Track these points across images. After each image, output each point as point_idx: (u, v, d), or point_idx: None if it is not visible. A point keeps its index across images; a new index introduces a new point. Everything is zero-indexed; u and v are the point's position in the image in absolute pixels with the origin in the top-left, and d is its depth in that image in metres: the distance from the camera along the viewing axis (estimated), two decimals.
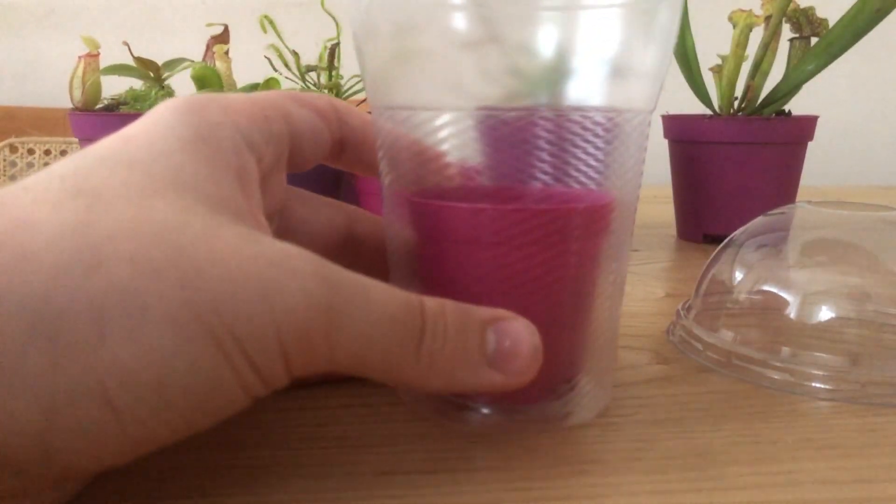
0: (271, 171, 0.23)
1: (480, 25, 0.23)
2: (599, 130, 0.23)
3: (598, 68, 0.23)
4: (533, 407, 0.25)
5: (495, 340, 0.21)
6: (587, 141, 0.23)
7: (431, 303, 0.21)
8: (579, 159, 0.23)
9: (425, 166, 0.24)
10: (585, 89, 0.23)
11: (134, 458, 0.17)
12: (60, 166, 0.19)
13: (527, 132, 0.23)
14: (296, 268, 0.18)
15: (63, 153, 1.33)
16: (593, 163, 0.23)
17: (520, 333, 0.21)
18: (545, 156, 0.23)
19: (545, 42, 0.22)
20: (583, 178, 0.23)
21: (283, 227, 0.26)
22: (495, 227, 0.22)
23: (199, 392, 0.17)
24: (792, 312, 0.31)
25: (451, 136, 0.23)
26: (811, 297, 0.31)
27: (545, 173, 0.23)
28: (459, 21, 0.23)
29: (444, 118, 0.23)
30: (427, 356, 0.20)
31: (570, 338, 0.24)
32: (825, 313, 0.31)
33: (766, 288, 0.32)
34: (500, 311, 0.22)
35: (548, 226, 0.23)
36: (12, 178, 1.31)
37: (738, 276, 0.33)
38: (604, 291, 0.25)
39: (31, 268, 0.16)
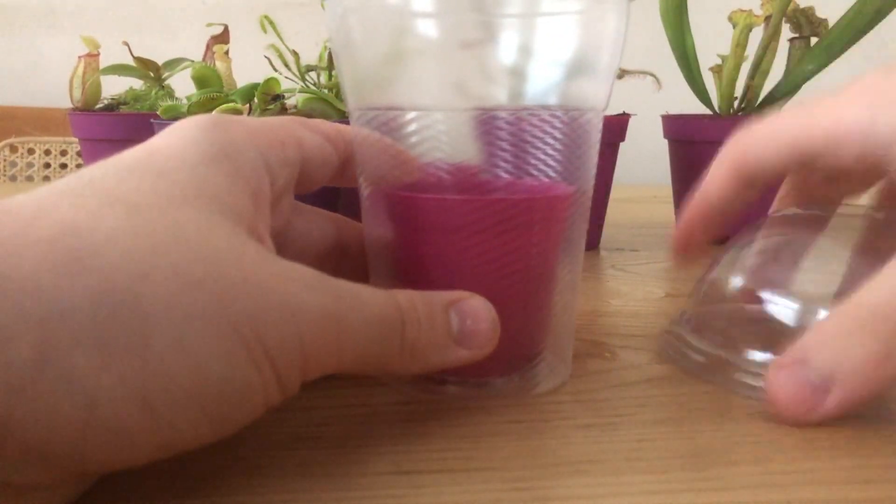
0: (282, 193, 0.25)
1: (451, 32, 0.24)
2: (558, 129, 0.25)
3: (557, 70, 0.25)
4: (502, 380, 0.27)
5: (458, 321, 0.24)
6: (548, 138, 0.25)
7: (402, 297, 0.22)
8: (541, 155, 0.25)
9: (397, 163, 0.26)
10: (546, 89, 0.25)
11: (156, 459, 0.18)
12: (89, 172, 0.20)
13: (493, 130, 0.25)
14: (311, 284, 0.20)
15: (63, 153, 1.33)
16: (552, 160, 0.25)
17: (478, 310, 0.24)
18: (509, 152, 0.25)
19: (510, 45, 0.24)
20: (544, 173, 0.25)
21: (283, 238, 0.28)
22: (464, 216, 0.24)
23: (230, 399, 0.18)
24: (792, 318, 0.31)
25: (422, 134, 0.25)
26: (811, 301, 0.31)
27: (510, 167, 0.25)
28: (435, 24, 0.24)
29: (413, 117, 0.25)
30: (409, 346, 0.22)
31: (534, 317, 0.26)
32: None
33: (764, 292, 0.32)
34: (458, 293, 0.24)
35: (511, 215, 0.25)
36: (12, 178, 1.31)
37: (737, 280, 0.33)
38: (563, 275, 0.27)
39: (81, 271, 0.16)
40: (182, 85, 0.54)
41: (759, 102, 0.56)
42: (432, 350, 0.23)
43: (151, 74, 0.56)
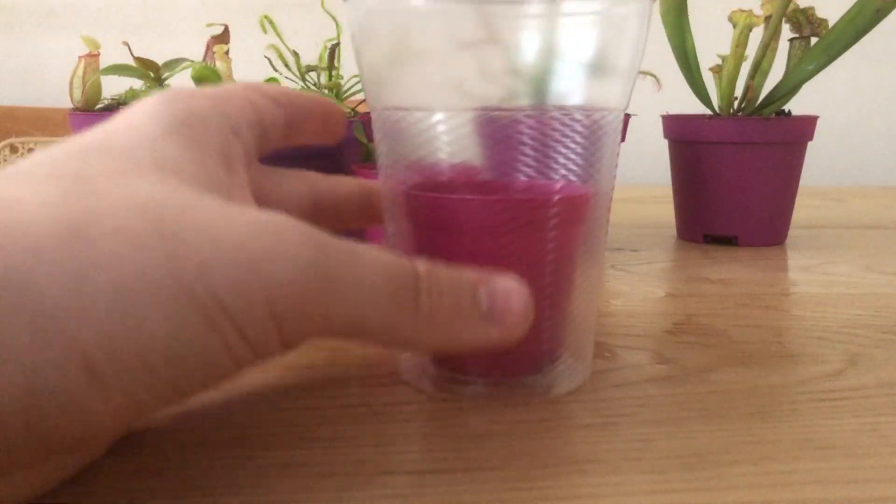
0: (253, 154, 0.24)
1: (475, 29, 0.24)
2: (579, 127, 0.25)
3: (578, 70, 0.25)
4: (519, 380, 0.27)
5: (488, 298, 0.22)
6: (567, 137, 0.25)
7: (423, 265, 0.21)
8: (560, 154, 0.25)
9: (419, 162, 0.26)
10: (566, 89, 0.25)
11: (124, 428, 0.17)
12: (42, 155, 0.19)
13: (512, 130, 0.25)
14: (285, 235, 0.18)
15: None
16: (573, 157, 0.25)
17: (510, 289, 0.22)
18: (529, 151, 0.25)
19: (531, 46, 0.24)
20: (563, 172, 0.25)
21: (257, 202, 0.27)
22: (482, 215, 0.25)
23: (184, 360, 0.17)
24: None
25: (444, 134, 0.25)
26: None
27: (529, 167, 0.25)
28: (455, 25, 0.24)
29: (437, 117, 0.25)
30: (426, 313, 0.20)
31: (552, 317, 0.26)
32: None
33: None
34: (489, 273, 0.23)
35: (529, 214, 0.25)
36: None
37: None
38: (582, 275, 0.27)
39: (13, 241, 0.16)
40: (182, 85, 0.54)
41: (759, 102, 0.56)
42: (458, 322, 0.21)
43: (151, 74, 0.55)
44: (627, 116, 0.54)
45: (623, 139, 0.55)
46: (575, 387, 0.27)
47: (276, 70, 0.47)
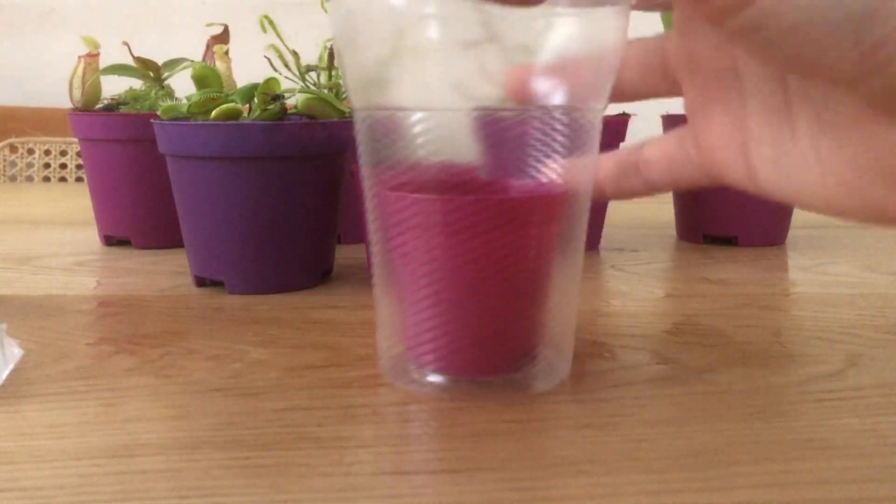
0: None
1: (458, 29, 0.24)
2: (558, 126, 0.25)
3: (556, 69, 0.25)
4: (499, 377, 0.27)
5: None
6: (547, 135, 0.25)
7: None
8: (539, 152, 0.25)
9: (399, 162, 0.26)
10: (546, 90, 0.25)
11: None
12: None
13: (491, 129, 0.25)
14: None
15: (63, 153, 1.33)
16: (552, 155, 0.25)
17: None
18: (508, 150, 0.25)
19: (510, 47, 0.24)
20: (542, 171, 0.26)
21: None
22: (459, 215, 0.25)
23: None
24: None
25: (424, 134, 0.25)
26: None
27: (508, 166, 0.26)
28: (437, 24, 0.24)
29: (417, 117, 0.25)
30: None
31: (529, 314, 0.27)
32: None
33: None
34: None
35: (506, 214, 0.25)
36: (12, 178, 1.30)
37: None
38: (560, 273, 0.27)
39: None
40: (182, 85, 0.54)
41: None
42: None
43: (151, 74, 0.55)
44: (627, 117, 0.54)
45: (623, 139, 0.54)
46: (555, 384, 0.28)
47: (275, 70, 0.47)
